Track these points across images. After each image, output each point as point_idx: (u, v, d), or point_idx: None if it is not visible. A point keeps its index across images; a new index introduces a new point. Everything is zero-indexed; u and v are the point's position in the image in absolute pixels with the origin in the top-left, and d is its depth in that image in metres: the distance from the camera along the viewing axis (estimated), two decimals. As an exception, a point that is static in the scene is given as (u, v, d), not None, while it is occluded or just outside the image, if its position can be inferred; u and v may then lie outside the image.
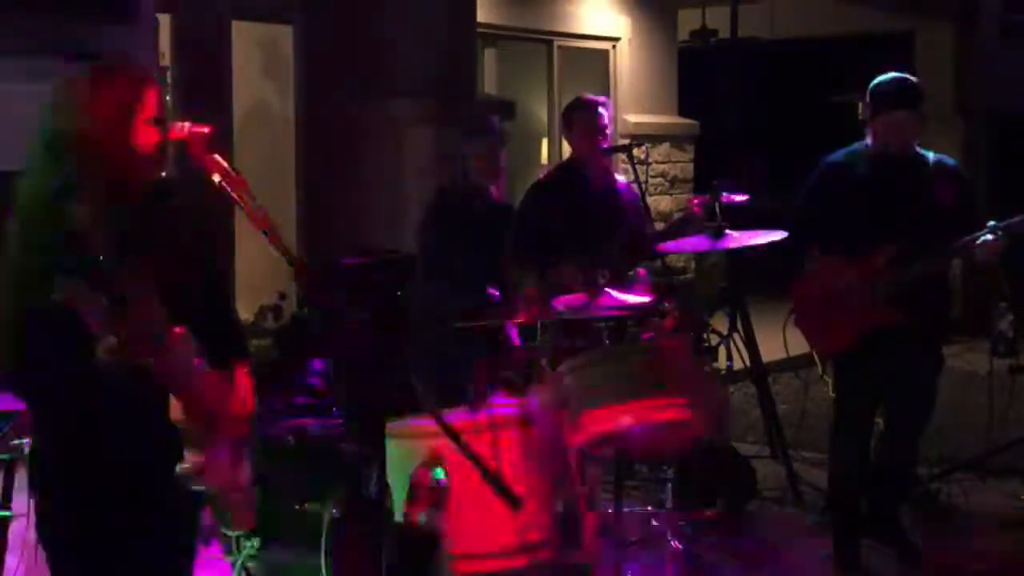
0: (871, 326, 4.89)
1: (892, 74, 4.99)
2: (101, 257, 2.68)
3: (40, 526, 2.97)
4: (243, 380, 3.12)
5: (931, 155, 5.04)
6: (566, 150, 5.99)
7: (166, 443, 2.83)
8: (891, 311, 4.86)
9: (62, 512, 2.92)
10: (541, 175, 5.90)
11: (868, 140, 5.03)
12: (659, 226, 6.10)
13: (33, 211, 2.83)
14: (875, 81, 4.98)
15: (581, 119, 5.68)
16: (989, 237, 4.78)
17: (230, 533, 4.21)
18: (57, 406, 2.84)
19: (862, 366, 4.97)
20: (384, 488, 3.24)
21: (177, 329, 2.79)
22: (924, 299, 4.90)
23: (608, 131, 5.73)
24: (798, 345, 5.40)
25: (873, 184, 4.95)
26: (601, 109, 5.70)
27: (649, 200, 5.98)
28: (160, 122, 2.88)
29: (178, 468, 2.84)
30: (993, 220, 4.82)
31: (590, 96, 5.82)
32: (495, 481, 2.73)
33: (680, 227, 5.68)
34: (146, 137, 2.86)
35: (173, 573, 3.11)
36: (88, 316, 2.57)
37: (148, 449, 2.86)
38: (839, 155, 5.10)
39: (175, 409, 2.82)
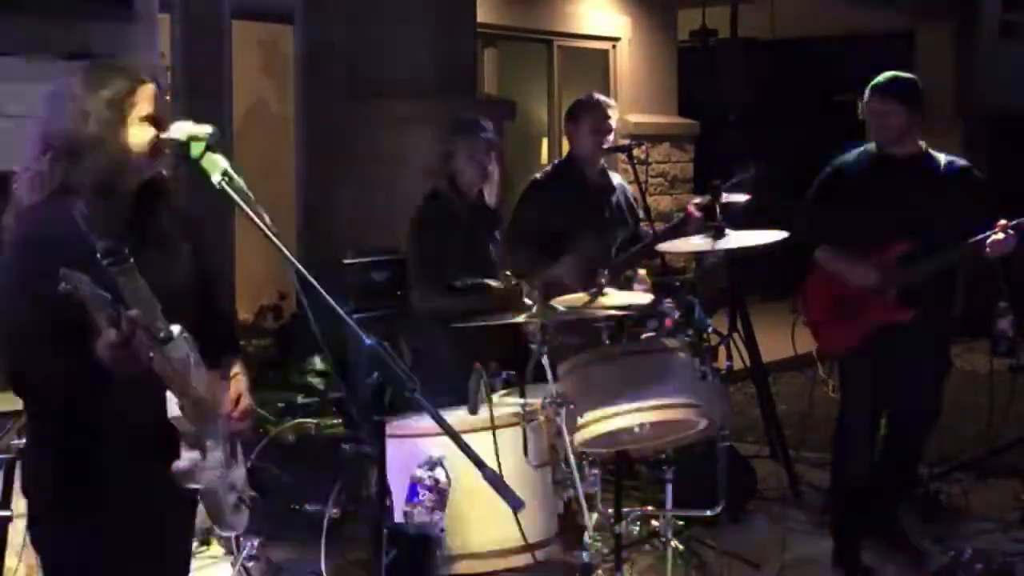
0: (881, 324, 4.88)
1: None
2: (100, 255, 2.68)
3: (32, 526, 2.97)
4: (240, 378, 3.12)
5: (942, 156, 5.03)
6: (566, 149, 5.99)
7: (162, 441, 2.83)
8: (904, 309, 4.85)
9: (54, 512, 2.91)
10: (539, 174, 5.89)
11: (875, 140, 5.03)
12: (659, 226, 6.09)
13: (35, 210, 2.83)
14: None
15: (589, 118, 5.68)
16: (1000, 236, 4.76)
17: (225, 534, 4.21)
18: (53, 397, 2.83)
19: (868, 366, 4.95)
20: (384, 488, 3.23)
21: (174, 327, 2.79)
22: (930, 298, 4.89)
23: (611, 134, 5.73)
24: (805, 344, 5.39)
25: (884, 186, 4.94)
26: (610, 111, 5.70)
27: (649, 200, 5.98)
28: (156, 120, 2.87)
29: (173, 466, 2.83)
30: (1003, 219, 4.81)
31: (600, 96, 5.81)
32: (495, 481, 2.73)
33: (678, 230, 5.68)
34: (140, 136, 2.86)
35: (167, 573, 3.10)
36: (92, 309, 2.57)
37: (143, 447, 2.86)
38: (850, 156, 5.09)
39: (171, 406, 2.81)
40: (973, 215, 4.90)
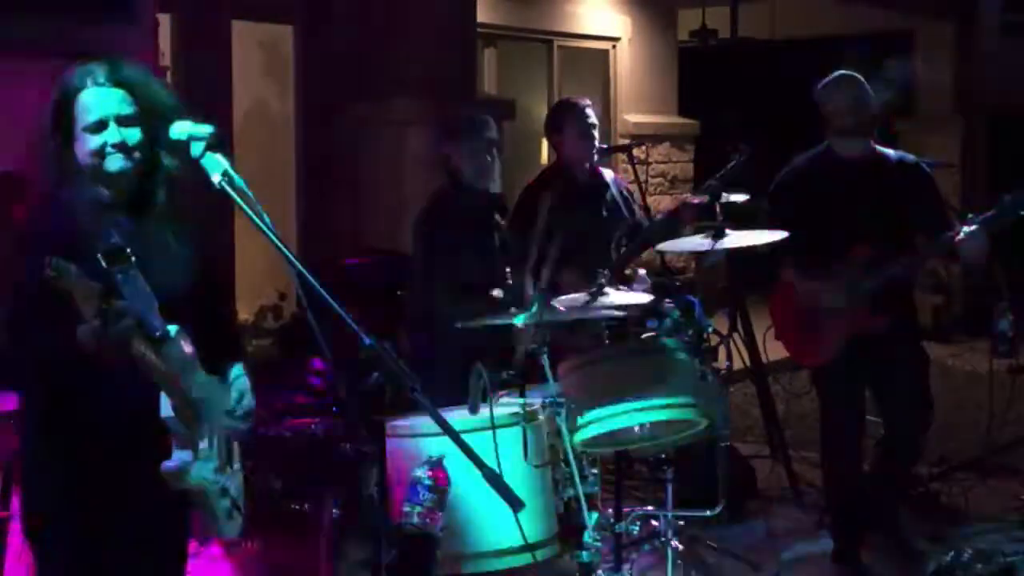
0: (852, 333, 4.84)
1: None
2: (100, 255, 2.69)
3: (25, 524, 2.97)
4: (242, 380, 3.11)
5: (892, 153, 5.02)
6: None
7: (153, 440, 2.82)
8: (878, 318, 4.81)
9: (47, 510, 2.92)
10: (531, 180, 5.88)
11: (826, 141, 5.02)
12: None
13: (44, 208, 2.86)
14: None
15: (574, 121, 5.67)
16: (967, 230, 4.70)
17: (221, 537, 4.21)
18: (39, 384, 2.84)
19: (843, 373, 4.92)
20: (384, 488, 3.24)
21: (171, 327, 2.79)
22: (891, 299, 4.85)
23: (596, 129, 5.73)
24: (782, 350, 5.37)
25: (836, 188, 4.89)
26: (589, 110, 5.71)
27: (649, 200, 5.98)
28: (102, 124, 2.84)
29: (163, 466, 2.83)
30: (971, 214, 4.77)
31: (576, 98, 5.82)
32: (495, 481, 2.73)
33: (673, 217, 5.67)
34: (84, 146, 2.85)
35: (162, 573, 3.10)
36: (78, 298, 2.58)
37: (134, 445, 2.86)
38: (800, 161, 5.08)
39: (165, 406, 2.81)
40: (925, 210, 4.88)
